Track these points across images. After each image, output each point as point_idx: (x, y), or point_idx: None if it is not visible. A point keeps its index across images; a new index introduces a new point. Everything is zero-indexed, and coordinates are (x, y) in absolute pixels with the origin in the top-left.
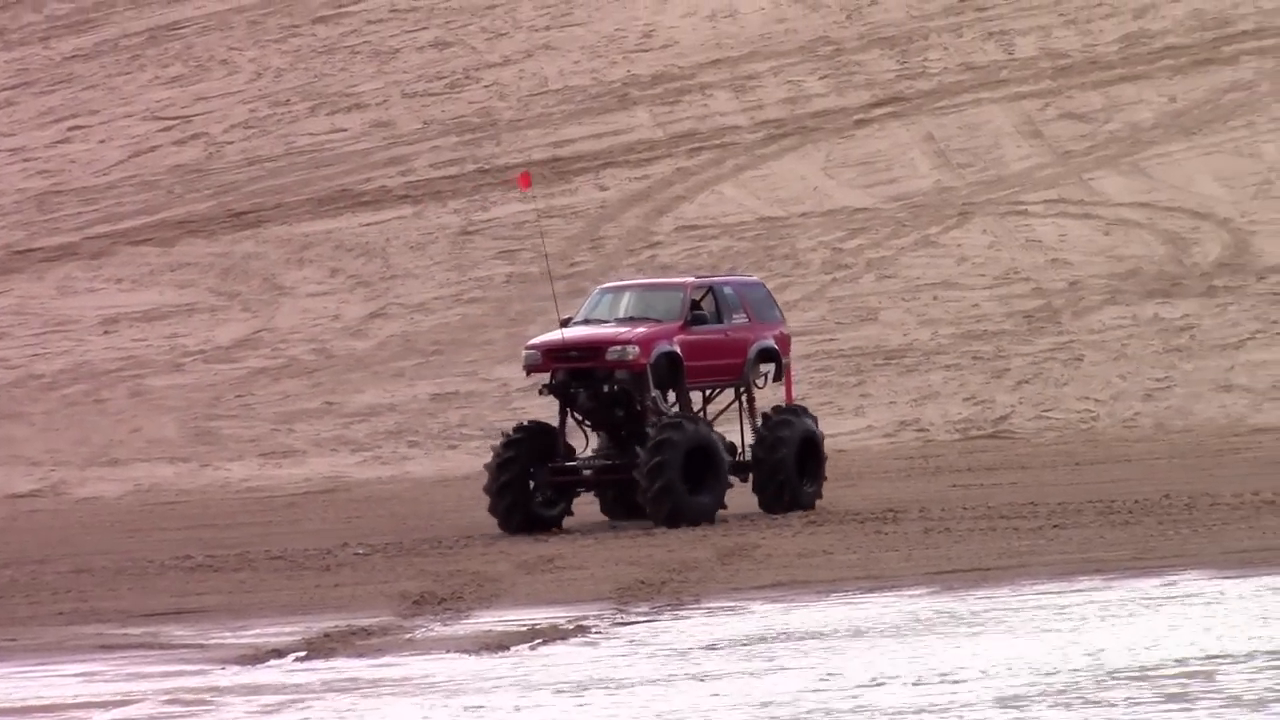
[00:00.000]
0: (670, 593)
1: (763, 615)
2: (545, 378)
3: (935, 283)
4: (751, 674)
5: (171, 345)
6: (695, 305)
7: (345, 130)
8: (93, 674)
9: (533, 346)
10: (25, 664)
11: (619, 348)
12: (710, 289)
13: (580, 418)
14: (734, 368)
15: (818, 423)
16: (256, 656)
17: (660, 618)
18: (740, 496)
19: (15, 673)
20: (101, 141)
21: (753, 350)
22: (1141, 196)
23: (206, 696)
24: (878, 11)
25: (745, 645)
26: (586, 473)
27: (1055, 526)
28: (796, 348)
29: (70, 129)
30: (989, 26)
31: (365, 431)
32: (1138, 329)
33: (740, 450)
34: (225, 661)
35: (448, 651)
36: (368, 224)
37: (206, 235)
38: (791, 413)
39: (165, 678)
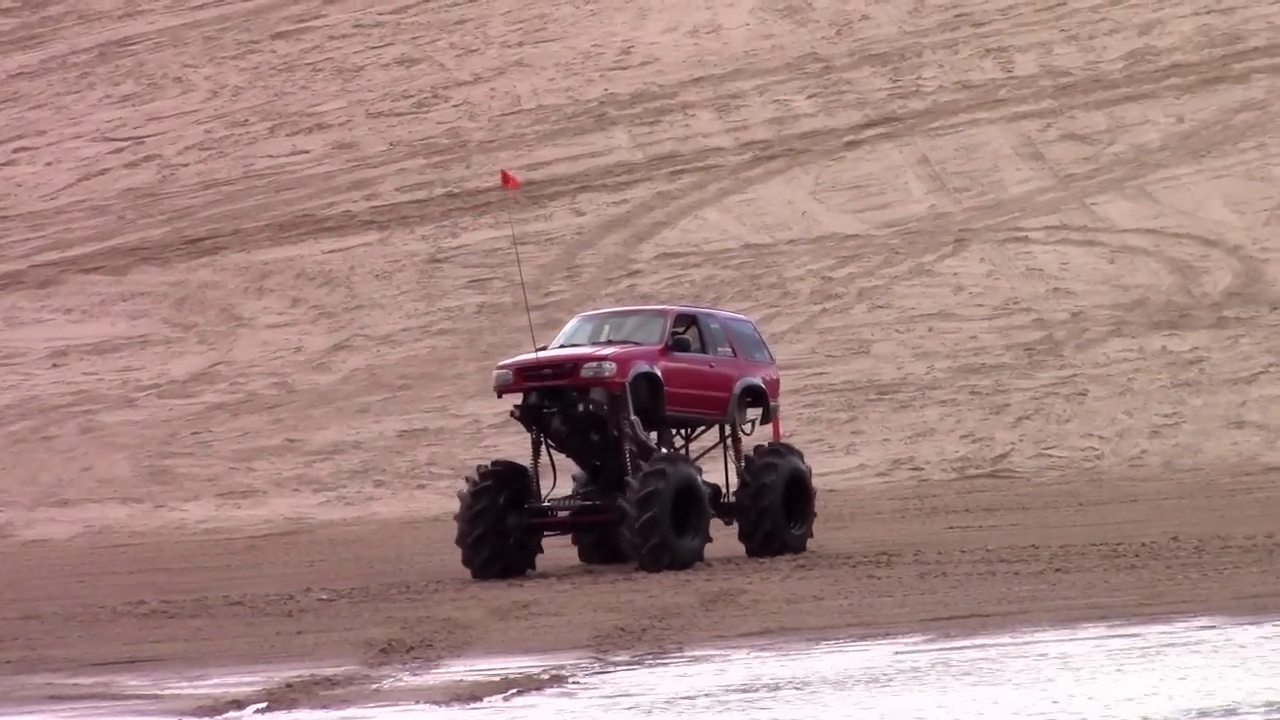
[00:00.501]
0: (651, 640)
1: (748, 665)
2: (517, 401)
3: (931, 314)
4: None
5: (124, 379)
6: (677, 332)
7: (307, 152)
8: None
9: (504, 366)
10: None
11: (595, 364)
12: (694, 319)
13: (553, 445)
14: (718, 402)
15: (804, 459)
16: (215, 708)
17: (641, 667)
18: (724, 537)
19: None
20: (49, 164)
21: (738, 387)
22: (1148, 222)
23: None
24: (869, 27)
25: (730, 697)
26: (563, 514)
27: (1058, 570)
28: (785, 381)
29: (16, 150)
30: (986, 43)
31: (329, 470)
32: (1144, 362)
33: (725, 492)
34: (182, 713)
35: (417, 703)
36: (331, 251)
37: (160, 263)
38: (775, 453)
39: None
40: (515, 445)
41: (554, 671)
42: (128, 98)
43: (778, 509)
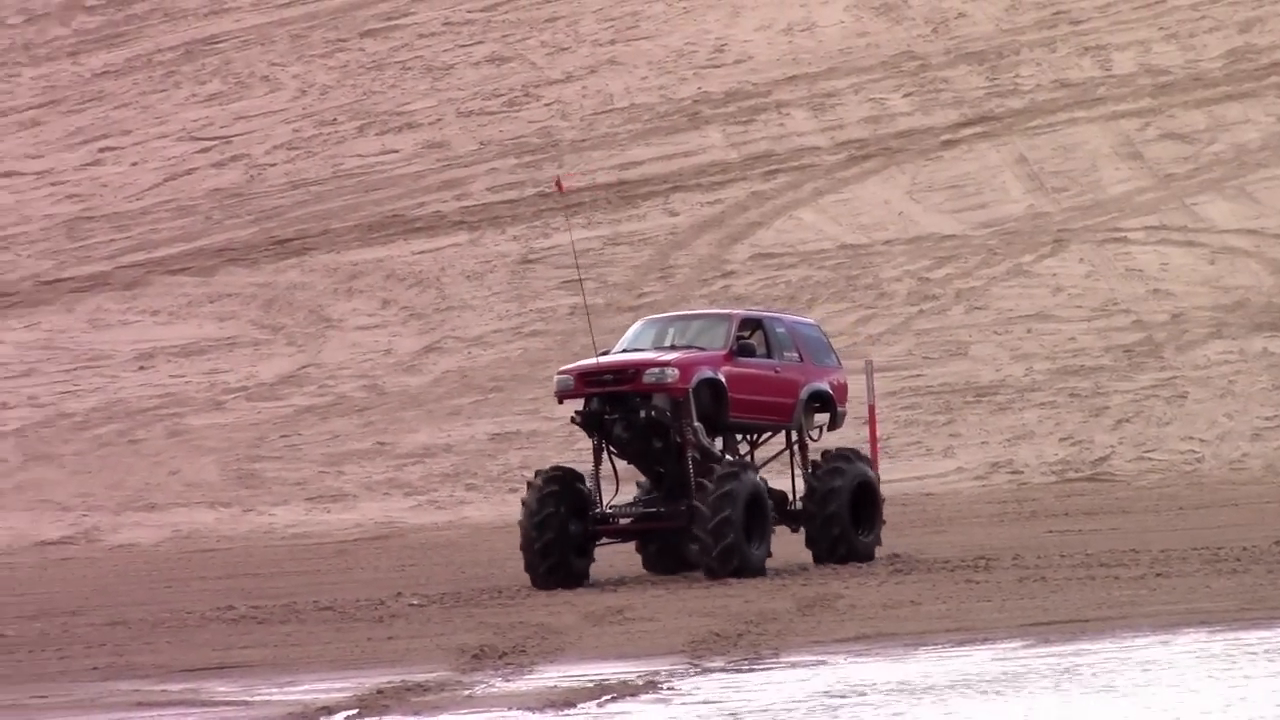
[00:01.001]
0: (747, 646)
1: (846, 670)
2: (578, 406)
3: (1029, 315)
4: None
5: (212, 382)
6: (742, 337)
7: (396, 151)
8: None
9: (566, 371)
10: None
11: (658, 370)
12: (760, 324)
13: (614, 451)
14: (784, 408)
15: (873, 466)
16: (305, 714)
17: (737, 673)
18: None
19: None
20: (135, 164)
21: (804, 392)
22: (1248, 222)
23: None
24: (965, 25)
25: (827, 703)
26: (625, 521)
27: (1158, 575)
28: (880, 384)
29: (101, 150)
30: (1084, 41)
31: (420, 474)
32: (1245, 364)
33: (791, 499)
34: None
35: (509, 709)
36: (421, 252)
37: (248, 264)
38: (843, 459)
39: None
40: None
41: (648, 677)
42: (214, 96)
43: (844, 514)
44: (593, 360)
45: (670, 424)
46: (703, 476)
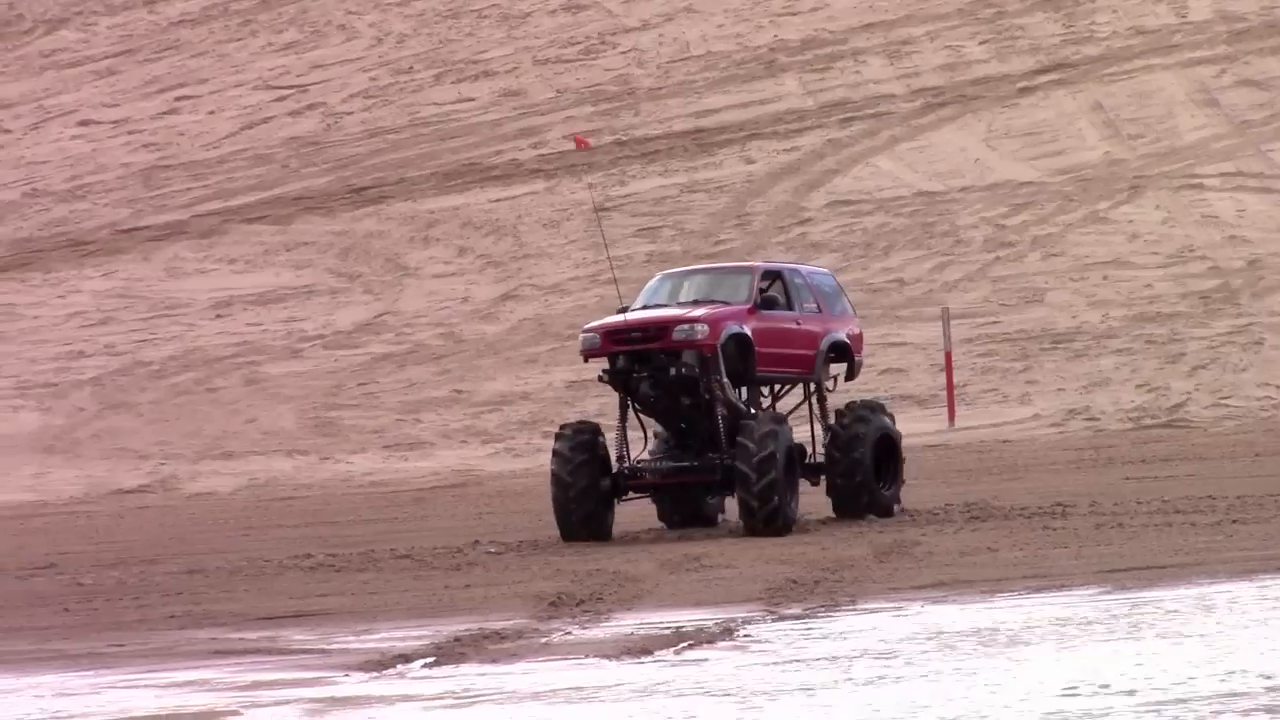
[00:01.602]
0: (824, 593)
1: (923, 617)
2: (603, 364)
3: (1105, 261)
4: (913, 679)
5: (288, 330)
6: (764, 289)
7: (473, 100)
8: (207, 681)
9: (591, 329)
10: (134, 671)
11: (686, 326)
12: (780, 275)
13: (639, 408)
14: (806, 360)
15: (894, 420)
16: (382, 662)
17: (814, 620)
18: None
19: (124, 681)
20: (211, 112)
21: (824, 343)
22: None
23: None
24: None
25: (906, 650)
26: (655, 476)
27: (1235, 521)
28: (958, 331)
29: (177, 99)
30: None
31: (497, 421)
32: None
33: (811, 452)
34: (349, 667)
35: (586, 656)
36: (498, 200)
37: (325, 212)
38: (868, 409)
39: (286, 686)
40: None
41: (725, 625)
42: (290, 45)
43: (869, 464)
44: (619, 317)
45: (699, 380)
46: (734, 432)
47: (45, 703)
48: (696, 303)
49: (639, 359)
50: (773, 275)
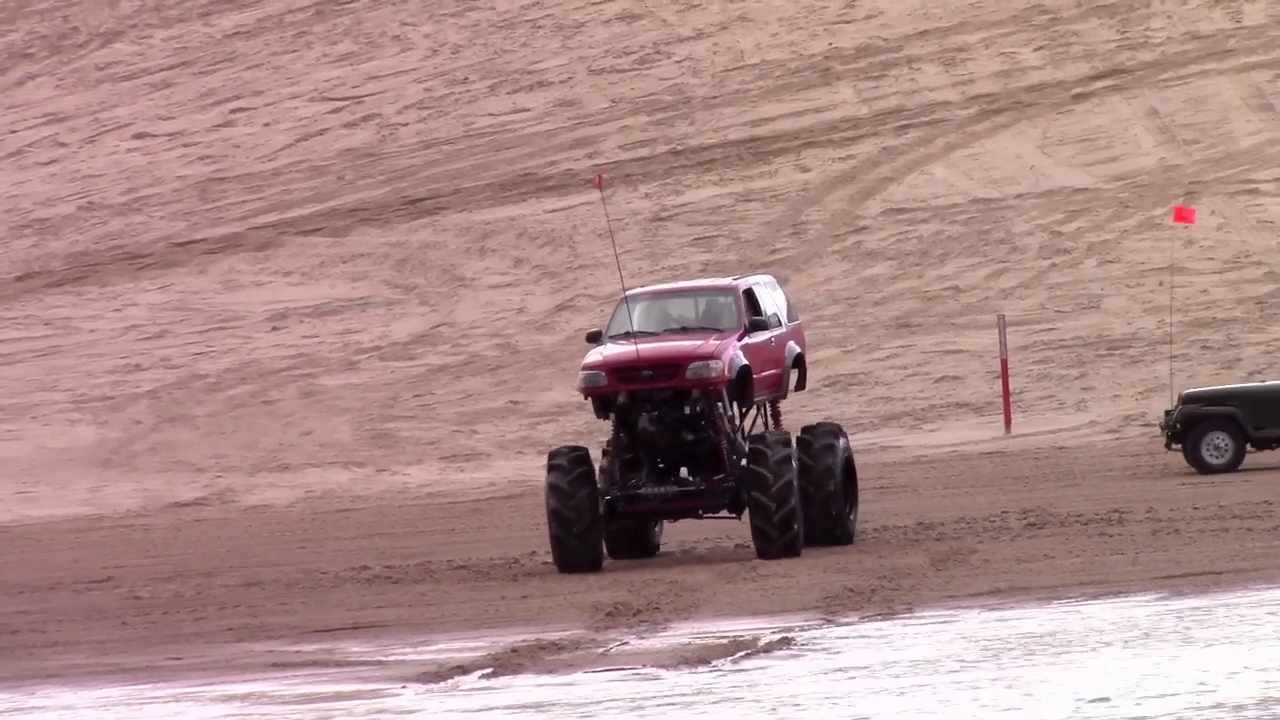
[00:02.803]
0: (881, 601)
1: (980, 625)
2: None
3: (1161, 268)
4: (970, 686)
5: (344, 342)
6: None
7: (528, 110)
8: (264, 694)
9: (594, 366)
10: (192, 684)
11: (700, 364)
12: (752, 292)
13: (637, 442)
14: (778, 379)
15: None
16: (439, 674)
17: (871, 628)
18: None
19: (182, 694)
20: (266, 124)
21: (789, 356)
22: None
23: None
24: None
25: (963, 657)
26: (650, 501)
27: None
28: (1013, 338)
29: (233, 111)
30: None
31: (553, 432)
32: None
33: None
34: (406, 679)
35: (644, 666)
36: (553, 210)
37: (380, 224)
38: (830, 434)
39: (341, 698)
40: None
41: (783, 633)
42: (346, 56)
43: (840, 495)
44: (626, 350)
45: (705, 415)
46: (758, 459)
47: (108, 714)
48: (686, 330)
49: (646, 396)
50: (748, 294)
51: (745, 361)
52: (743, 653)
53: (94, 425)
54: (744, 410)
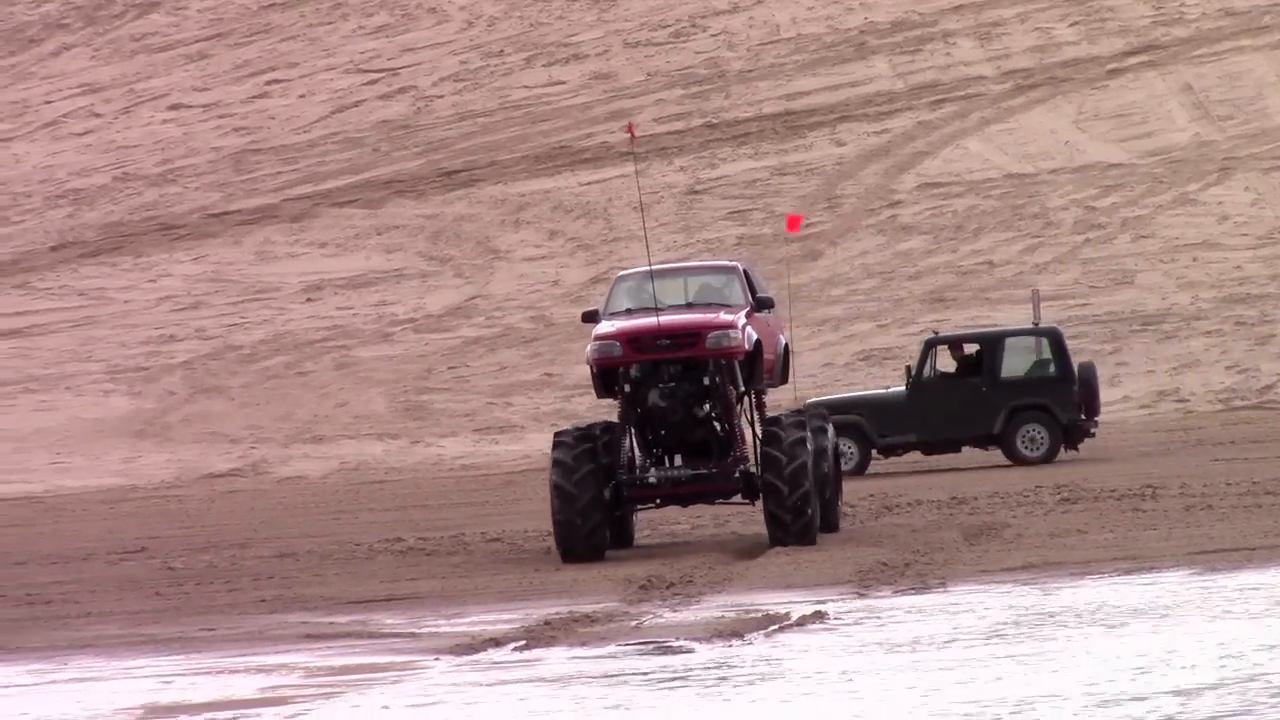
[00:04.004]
0: (914, 575)
1: (1013, 599)
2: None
3: (1195, 243)
4: (1005, 660)
5: (379, 314)
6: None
7: (563, 83)
8: (295, 665)
9: (607, 336)
10: (225, 655)
11: (720, 333)
12: (747, 274)
13: (643, 418)
14: (772, 365)
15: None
16: (473, 646)
17: (904, 602)
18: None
19: (216, 667)
20: (302, 96)
21: (780, 344)
22: None
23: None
24: None
25: (998, 631)
26: (661, 486)
27: None
28: (1048, 313)
29: (268, 83)
30: None
31: (588, 404)
32: None
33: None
34: (439, 651)
35: (677, 639)
36: (588, 183)
37: (415, 196)
38: (819, 418)
39: (375, 670)
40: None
41: (816, 607)
42: (381, 29)
43: (831, 481)
44: (645, 321)
45: (720, 390)
46: (772, 443)
47: (140, 684)
48: (691, 305)
49: (656, 367)
50: (744, 275)
51: (757, 336)
52: (776, 626)
53: (128, 396)
54: (748, 391)
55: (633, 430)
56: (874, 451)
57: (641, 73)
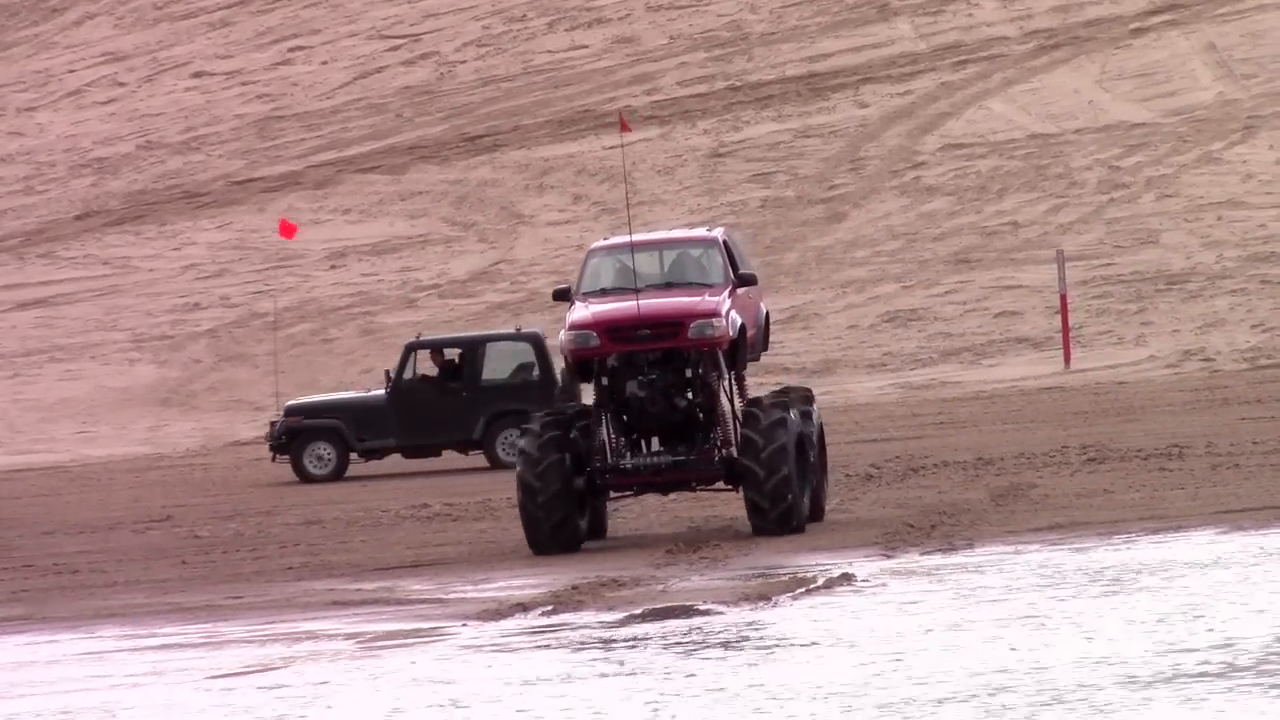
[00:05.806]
0: (940, 537)
1: (1040, 559)
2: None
3: (1219, 202)
4: (1032, 619)
5: (403, 279)
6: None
7: (586, 47)
8: (323, 632)
9: (582, 326)
10: (252, 622)
11: (704, 321)
12: (727, 244)
13: (621, 408)
14: (753, 341)
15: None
16: (500, 611)
17: (931, 563)
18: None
19: (244, 635)
20: (325, 63)
21: (762, 314)
22: None
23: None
24: None
25: (1023, 592)
26: (639, 473)
27: None
28: (1072, 273)
29: (291, 50)
30: None
31: None
32: None
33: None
34: (466, 617)
35: (704, 603)
36: (611, 147)
37: (439, 161)
38: (802, 399)
39: (401, 636)
40: (799, 341)
41: (843, 570)
42: None
43: (817, 466)
44: (615, 306)
45: (703, 380)
46: (752, 423)
47: (173, 653)
48: (670, 285)
49: (635, 356)
50: (725, 245)
51: (741, 320)
52: (803, 589)
53: (153, 364)
54: (731, 373)
55: (608, 416)
56: (354, 455)
57: (664, 36)
